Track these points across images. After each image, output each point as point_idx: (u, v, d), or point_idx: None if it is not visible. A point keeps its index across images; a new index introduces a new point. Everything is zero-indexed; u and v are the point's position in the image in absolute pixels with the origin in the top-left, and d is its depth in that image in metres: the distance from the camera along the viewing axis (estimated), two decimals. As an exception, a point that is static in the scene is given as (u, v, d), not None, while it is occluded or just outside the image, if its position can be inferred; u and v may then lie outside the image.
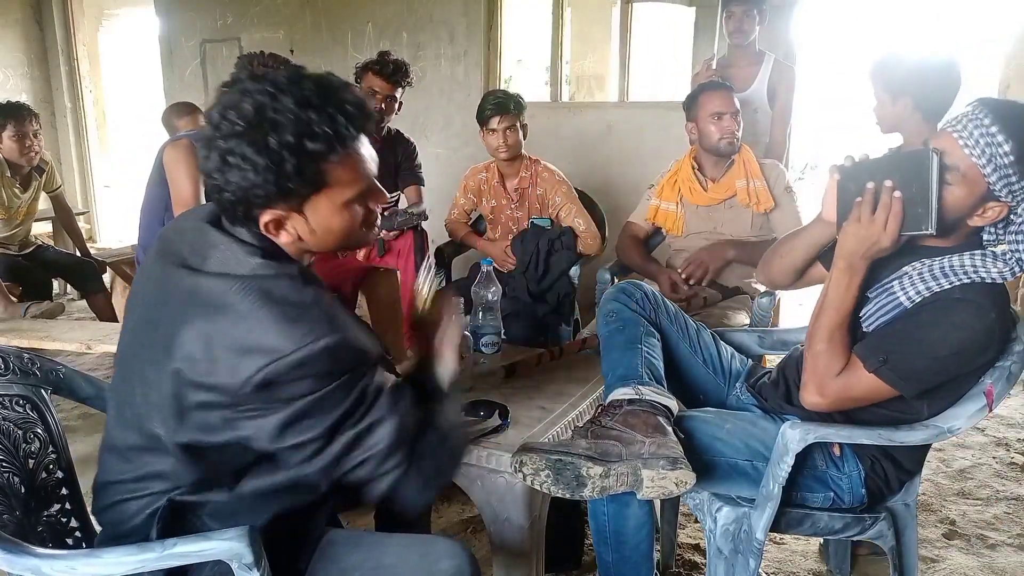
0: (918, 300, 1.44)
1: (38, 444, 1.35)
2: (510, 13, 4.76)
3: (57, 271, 3.89)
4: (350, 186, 1.10)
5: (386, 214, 3.14)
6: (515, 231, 3.09)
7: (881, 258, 1.45)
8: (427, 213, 3.19)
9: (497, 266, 2.97)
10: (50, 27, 6.38)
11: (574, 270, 3.04)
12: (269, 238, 1.13)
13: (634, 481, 1.40)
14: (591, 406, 1.85)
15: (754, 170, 2.68)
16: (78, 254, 3.96)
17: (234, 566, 1.10)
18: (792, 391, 1.69)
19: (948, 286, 1.42)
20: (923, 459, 1.66)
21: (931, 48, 2.07)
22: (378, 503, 1.16)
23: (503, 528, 1.61)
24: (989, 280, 1.42)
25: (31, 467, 1.32)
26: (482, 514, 1.65)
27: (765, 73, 3.25)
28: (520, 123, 2.96)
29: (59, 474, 1.37)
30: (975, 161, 1.36)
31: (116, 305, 3.68)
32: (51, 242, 4.32)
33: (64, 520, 1.35)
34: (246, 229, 1.12)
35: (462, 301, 1.95)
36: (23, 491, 1.29)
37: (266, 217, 1.09)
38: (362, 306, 3.30)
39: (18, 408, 1.34)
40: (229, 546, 1.08)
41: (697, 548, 2.22)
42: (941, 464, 2.78)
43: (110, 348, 2.68)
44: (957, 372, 1.46)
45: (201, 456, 1.10)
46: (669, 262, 2.89)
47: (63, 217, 4.10)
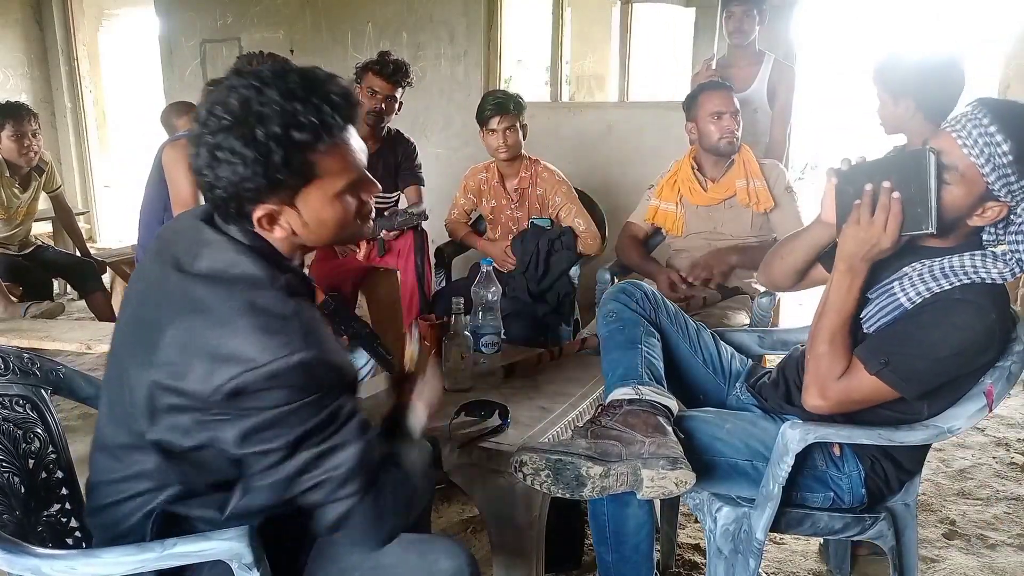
0: (918, 301, 1.43)
1: (38, 444, 1.35)
2: (510, 13, 4.75)
3: (57, 271, 3.89)
4: (340, 176, 1.10)
5: (386, 214, 3.14)
6: (515, 231, 3.09)
7: (881, 259, 1.45)
8: (427, 213, 3.19)
9: (497, 266, 2.97)
10: (50, 27, 6.37)
11: (574, 270, 3.04)
12: (262, 237, 1.13)
13: (634, 481, 1.40)
14: (591, 406, 1.85)
15: (754, 170, 2.68)
16: (78, 254, 3.96)
17: (234, 566, 1.10)
18: (792, 391, 1.69)
19: (948, 287, 1.42)
20: (923, 459, 1.66)
21: (933, 48, 2.05)
22: (325, 534, 1.11)
23: (503, 528, 1.61)
24: (989, 281, 1.41)
25: (31, 467, 1.32)
26: (482, 514, 1.65)
27: (765, 73, 3.25)
28: (520, 123, 2.96)
29: (59, 474, 1.37)
30: (973, 161, 1.36)
31: (115, 305, 3.68)
32: (51, 242, 4.32)
33: (64, 520, 1.35)
34: (239, 227, 1.12)
35: (462, 301, 1.96)
36: (23, 491, 1.29)
37: (259, 212, 1.09)
38: (362, 306, 3.31)
39: (18, 408, 1.34)
40: (229, 546, 1.08)
41: (697, 548, 2.22)
42: (941, 464, 2.78)
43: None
44: (958, 373, 1.46)
45: (179, 459, 1.10)
46: (669, 262, 2.89)
47: (63, 217, 4.10)
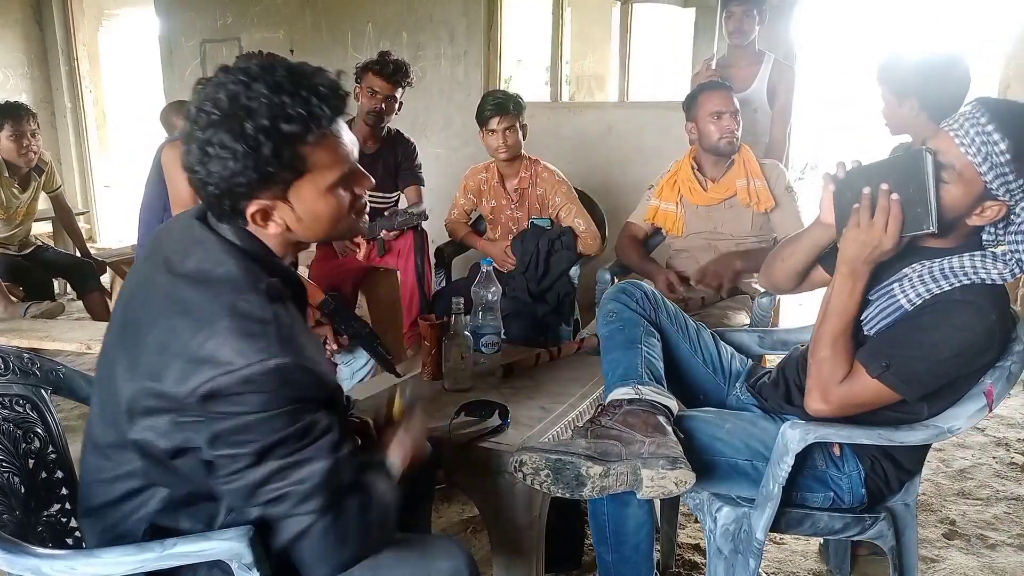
0: (918, 302, 1.43)
1: (38, 444, 1.35)
2: (510, 13, 4.75)
3: (56, 271, 3.88)
4: (332, 169, 1.10)
5: (386, 214, 3.14)
6: (515, 231, 3.09)
7: (882, 261, 1.45)
8: (427, 213, 3.19)
9: (497, 266, 2.97)
10: (50, 27, 6.37)
11: (574, 270, 3.04)
12: (255, 236, 1.13)
13: (634, 481, 1.40)
14: (591, 406, 1.85)
15: (754, 170, 2.68)
16: (78, 254, 3.95)
17: (234, 566, 1.10)
18: (792, 391, 1.69)
19: (948, 287, 1.42)
20: (923, 459, 1.66)
21: (937, 48, 2.03)
22: (280, 550, 1.08)
23: (503, 528, 1.61)
24: (989, 281, 1.41)
25: (31, 467, 1.32)
26: (482, 514, 1.65)
27: (765, 73, 3.25)
28: (520, 123, 2.96)
29: (59, 474, 1.37)
30: (971, 159, 1.36)
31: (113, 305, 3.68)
32: (51, 242, 4.32)
33: (64, 520, 1.35)
34: (232, 226, 1.12)
35: (462, 301, 1.96)
36: (23, 491, 1.29)
37: (252, 208, 1.09)
38: (362, 306, 3.31)
39: (18, 408, 1.34)
40: (229, 546, 1.08)
41: (697, 548, 2.22)
42: (941, 464, 2.78)
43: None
44: (958, 374, 1.46)
45: (160, 464, 1.10)
46: (669, 262, 2.89)
47: (63, 217, 4.10)
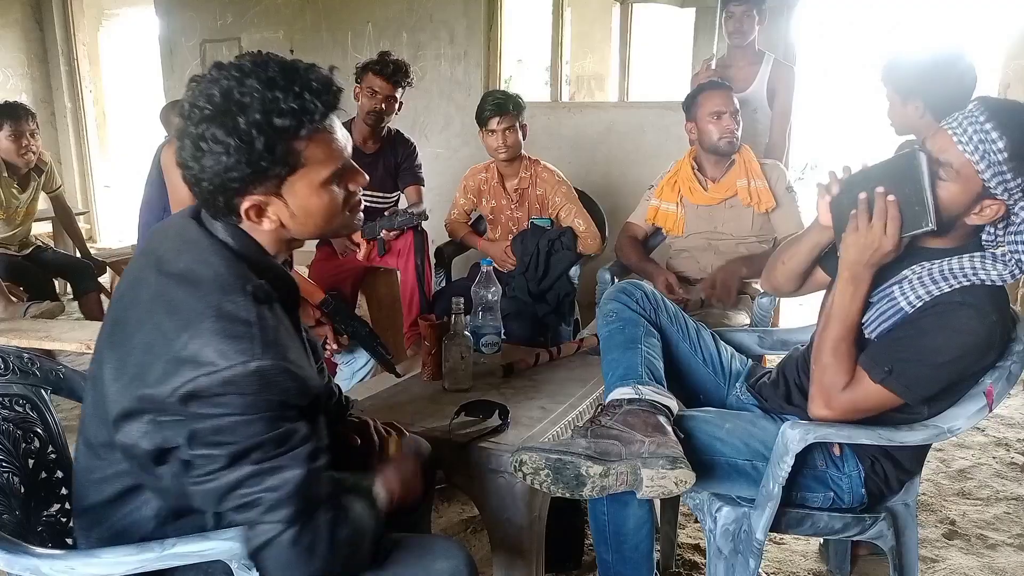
0: (919, 305, 1.43)
1: (38, 444, 1.35)
2: (510, 13, 4.75)
3: (55, 272, 3.88)
4: (325, 164, 1.11)
5: (386, 214, 3.14)
6: (515, 231, 3.09)
7: (884, 263, 1.45)
8: (427, 213, 3.19)
9: (497, 266, 2.97)
10: (50, 27, 6.37)
11: (574, 270, 3.04)
12: (249, 235, 1.13)
13: (634, 480, 1.40)
14: (591, 406, 1.85)
15: (755, 170, 2.68)
16: (78, 255, 3.95)
17: (233, 566, 1.10)
18: (792, 391, 1.69)
19: (948, 289, 1.41)
20: (923, 459, 1.66)
21: (942, 48, 1.99)
22: (246, 556, 1.07)
23: (503, 528, 1.61)
24: (989, 282, 1.41)
25: (31, 467, 1.32)
26: (482, 514, 1.65)
27: (765, 73, 3.24)
28: (519, 123, 2.95)
29: (59, 474, 1.36)
30: (969, 158, 1.35)
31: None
32: (51, 242, 4.32)
33: (64, 520, 1.35)
34: (226, 224, 1.13)
35: (462, 301, 1.96)
36: (23, 491, 1.29)
37: (246, 204, 1.09)
38: (362, 306, 3.31)
39: (18, 408, 1.34)
40: (229, 546, 1.08)
41: (697, 548, 2.22)
42: (941, 464, 2.78)
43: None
44: (960, 375, 1.46)
45: (143, 466, 1.10)
46: (669, 262, 2.89)
47: (63, 218, 4.09)
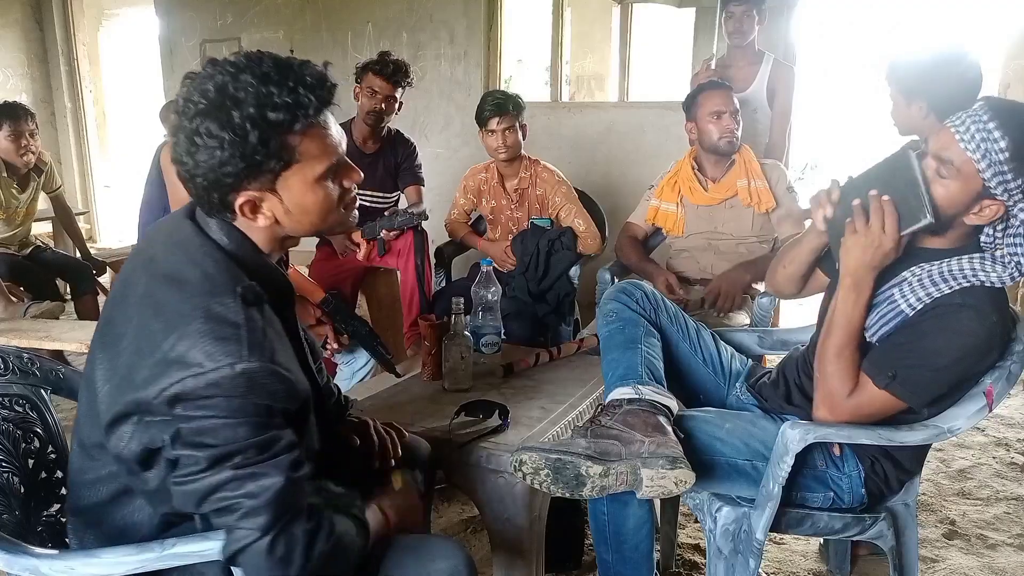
0: (919, 307, 1.43)
1: (38, 444, 1.35)
2: (510, 13, 4.75)
3: (55, 272, 3.88)
4: (319, 160, 1.11)
5: (386, 214, 3.14)
6: (515, 231, 3.09)
7: (885, 265, 1.45)
8: (427, 213, 3.19)
9: (497, 266, 2.97)
10: (50, 27, 6.37)
11: (574, 270, 3.03)
12: (243, 233, 1.13)
13: (633, 480, 1.40)
14: (591, 406, 1.85)
15: (755, 170, 2.68)
16: (78, 255, 3.94)
17: (234, 567, 1.09)
18: (792, 391, 1.69)
19: (948, 291, 1.41)
20: (923, 459, 1.66)
21: (947, 48, 1.97)
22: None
23: (503, 528, 1.61)
24: (989, 284, 1.41)
25: (31, 467, 1.32)
26: (482, 514, 1.65)
27: (764, 73, 3.24)
28: (519, 124, 2.95)
29: (59, 474, 1.36)
30: (970, 156, 1.36)
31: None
32: (51, 242, 4.31)
33: (64, 520, 1.34)
34: (220, 221, 1.13)
35: (462, 301, 1.96)
36: (23, 491, 1.29)
37: (240, 199, 1.09)
38: (362, 306, 3.31)
39: (18, 408, 1.34)
40: (229, 546, 1.08)
41: (697, 548, 2.22)
42: (941, 464, 2.78)
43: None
44: (963, 377, 1.47)
45: (131, 471, 1.10)
46: (669, 262, 2.89)
47: (63, 218, 4.09)
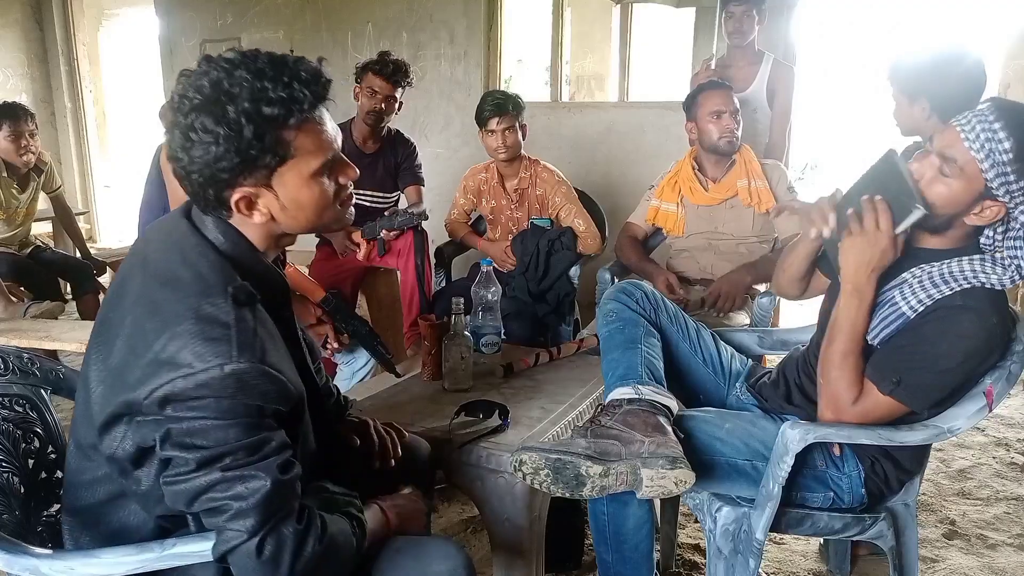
0: (920, 309, 1.43)
1: (38, 444, 1.35)
2: (510, 13, 4.75)
3: (55, 272, 3.88)
4: (315, 155, 1.11)
5: (386, 214, 3.14)
6: (515, 231, 3.09)
7: (884, 267, 1.45)
8: (427, 213, 3.19)
9: (497, 266, 2.97)
10: (50, 27, 6.37)
11: (574, 270, 3.03)
12: (238, 232, 1.13)
13: (633, 480, 1.40)
14: (591, 406, 1.85)
15: (755, 170, 2.68)
16: (78, 255, 3.94)
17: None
18: (792, 391, 1.69)
19: (949, 292, 1.41)
20: (923, 459, 1.66)
21: (950, 48, 1.95)
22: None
23: (503, 528, 1.61)
24: (989, 285, 1.41)
25: (31, 467, 1.32)
26: (482, 514, 1.65)
27: (764, 73, 3.24)
28: (519, 124, 2.95)
29: (58, 474, 1.36)
30: (974, 155, 1.36)
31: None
32: (51, 242, 4.31)
33: (64, 520, 1.35)
34: (216, 219, 1.13)
35: (462, 301, 1.96)
36: (23, 491, 1.29)
37: (236, 195, 1.09)
38: (362, 306, 3.31)
39: (18, 408, 1.34)
40: (229, 546, 1.08)
41: (697, 548, 2.22)
42: (941, 464, 2.78)
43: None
44: (964, 380, 1.47)
45: (124, 471, 1.10)
46: (669, 262, 2.89)
47: (63, 218, 4.09)
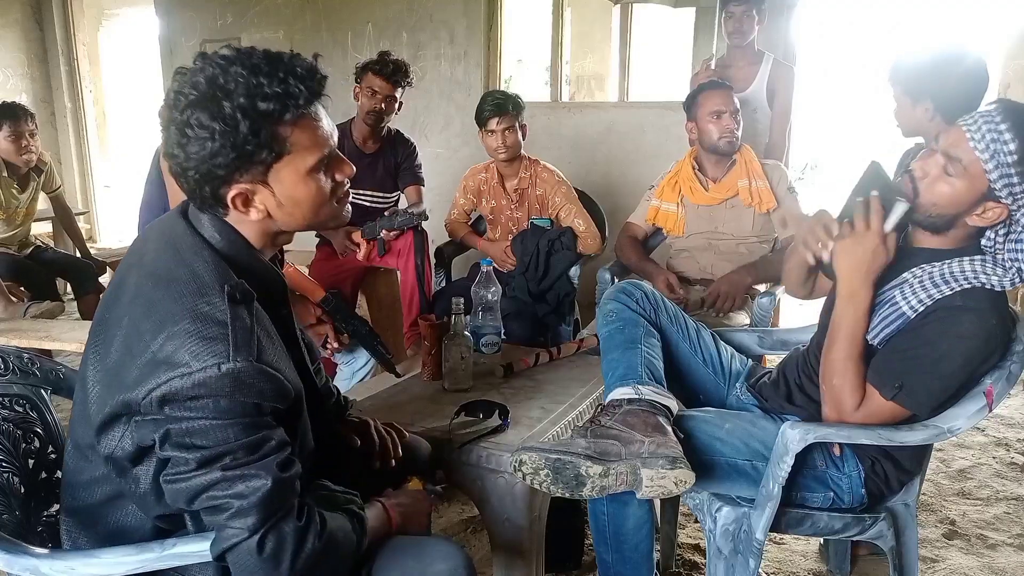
0: (920, 309, 1.43)
1: (38, 444, 1.35)
2: (510, 13, 4.75)
3: (55, 272, 3.88)
4: (311, 151, 1.11)
5: (386, 214, 3.14)
6: (515, 231, 3.09)
7: (878, 270, 1.46)
8: (427, 213, 3.19)
9: (497, 266, 2.97)
10: (50, 27, 6.38)
11: (574, 270, 3.04)
12: (234, 230, 1.13)
13: (633, 480, 1.40)
14: (591, 406, 1.85)
15: (756, 170, 2.69)
16: (78, 255, 3.94)
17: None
18: (792, 391, 1.69)
19: (950, 292, 1.42)
20: (924, 459, 1.66)
21: (953, 48, 1.93)
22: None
23: (503, 528, 1.61)
24: (989, 286, 1.42)
25: (31, 467, 1.32)
26: (482, 514, 1.65)
27: (764, 73, 3.24)
28: (519, 124, 2.95)
29: (59, 474, 1.36)
30: (979, 155, 1.36)
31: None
32: (51, 242, 4.31)
33: (65, 520, 1.35)
34: (211, 218, 1.13)
35: (462, 301, 1.96)
36: (23, 491, 1.29)
37: (232, 192, 1.09)
38: (362, 306, 3.31)
39: (18, 408, 1.34)
40: (228, 546, 1.08)
41: (697, 548, 2.22)
42: (941, 464, 2.78)
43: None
44: (965, 381, 1.47)
45: (123, 470, 1.10)
46: (669, 262, 2.89)
47: (63, 218, 4.09)
